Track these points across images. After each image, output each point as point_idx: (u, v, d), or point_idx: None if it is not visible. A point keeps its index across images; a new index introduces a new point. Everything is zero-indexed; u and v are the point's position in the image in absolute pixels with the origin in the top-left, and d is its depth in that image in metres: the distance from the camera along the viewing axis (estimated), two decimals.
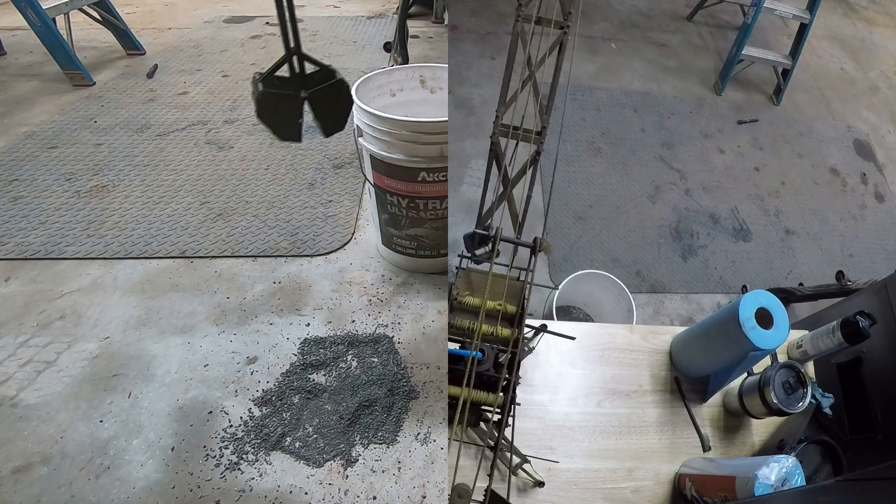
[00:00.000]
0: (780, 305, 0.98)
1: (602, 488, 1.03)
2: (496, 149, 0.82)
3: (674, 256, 2.46)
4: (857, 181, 3.02)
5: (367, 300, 1.63)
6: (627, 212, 2.58)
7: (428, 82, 1.68)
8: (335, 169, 2.24)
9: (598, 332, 1.24)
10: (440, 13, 3.88)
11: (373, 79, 1.57)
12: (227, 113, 2.64)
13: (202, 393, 1.35)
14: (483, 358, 0.74)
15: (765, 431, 1.15)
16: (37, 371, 1.38)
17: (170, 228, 1.87)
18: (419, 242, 1.62)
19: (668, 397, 1.16)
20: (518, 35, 0.78)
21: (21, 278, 1.64)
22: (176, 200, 2.01)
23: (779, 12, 3.11)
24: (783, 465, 0.86)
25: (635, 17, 3.63)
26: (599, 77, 3.14)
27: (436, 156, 1.39)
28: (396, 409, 1.33)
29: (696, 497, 0.95)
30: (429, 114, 1.67)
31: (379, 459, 1.23)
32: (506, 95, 0.81)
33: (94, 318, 1.53)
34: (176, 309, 1.57)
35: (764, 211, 2.74)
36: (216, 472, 1.18)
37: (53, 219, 1.88)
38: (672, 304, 2.31)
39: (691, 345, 1.17)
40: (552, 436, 1.07)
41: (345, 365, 1.43)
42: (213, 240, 1.82)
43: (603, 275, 1.98)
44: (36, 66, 3.07)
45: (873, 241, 2.78)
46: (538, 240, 0.74)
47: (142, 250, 1.77)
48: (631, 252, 2.44)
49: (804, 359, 1.19)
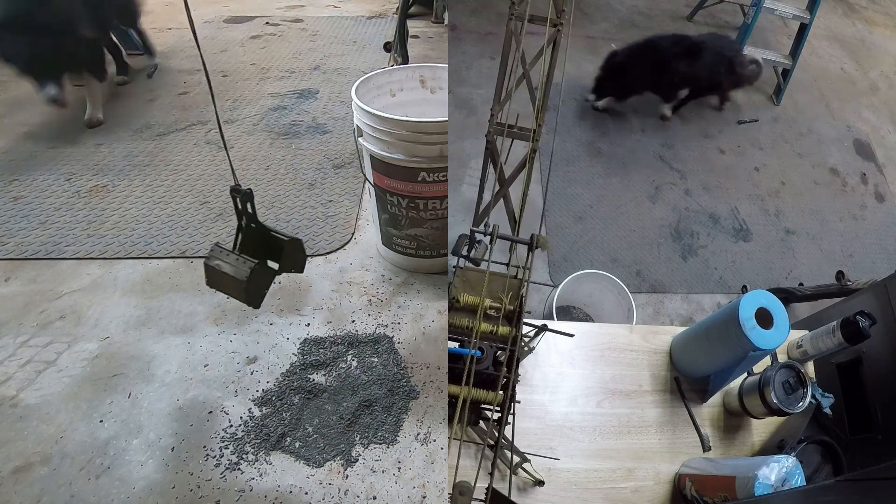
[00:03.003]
0: (780, 305, 0.98)
1: (602, 488, 1.03)
2: (492, 147, 0.82)
3: (674, 256, 2.46)
4: (857, 181, 3.02)
5: (367, 300, 1.63)
6: (627, 212, 2.58)
7: (428, 82, 1.68)
8: (335, 169, 2.24)
9: (598, 332, 1.23)
10: (440, 13, 3.88)
11: (373, 79, 1.57)
12: (227, 113, 2.64)
13: (202, 393, 1.35)
14: (482, 356, 0.74)
15: (765, 431, 1.15)
16: (37, 371, 1.38)
17: (170, 228, 1.87)
18: (419, 242, 1.62)
19: (668, 397, 1.16)
20: (512, 33, 0.78)
21: (21, 278, 1.64)
22: (176, 200, 2.01)
23: (779, 12, 3.11)
24: (783, 465, 0.86)
25: (635, 17, 3.63)
26: None
27: (436, 156, 1.39)
28: (396, 409, 1.33)
29: (696, 497, 0.95)
30: (429, 114, 1.68)
31: (379, 459, 1.23)
32: (500, 94, 0.81)
33: (94, 318, 1.53)
34: (176, 309, 1.57)
35: (764, 211, 2.74)
36: (216, 472, 1.18)
37: (53, 219, 1.88)
38: (672, 304, 2.31)
39: (691, 345, 1.17)
40: (552, 436, 1.07)
41: (345, 365, 1.43)
42: (213, 240, 1.82)
43: (603, 275, 1.98)
44: None
45: (873, 241, 2.78)
46: (535, 236, 0.74)
47: (142, 250, 1.77)
48: (631, 252, 2.44)
49: (804, 359, 1.19)
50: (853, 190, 2.98)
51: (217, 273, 1.05)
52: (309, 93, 2.86)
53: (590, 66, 3.17)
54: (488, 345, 0.76)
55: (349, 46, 3.53)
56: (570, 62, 3.14)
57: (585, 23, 3.47)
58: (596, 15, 3.56)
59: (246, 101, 2.76)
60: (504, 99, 0.82)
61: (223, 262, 1.05)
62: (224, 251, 1.07)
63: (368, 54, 3.41)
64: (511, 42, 0.79)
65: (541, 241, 0.74)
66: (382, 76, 1.61)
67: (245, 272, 1.04)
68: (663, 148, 2.88)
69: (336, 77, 3.06)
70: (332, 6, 4.41)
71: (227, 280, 1.05)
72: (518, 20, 0.78)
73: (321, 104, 2.75)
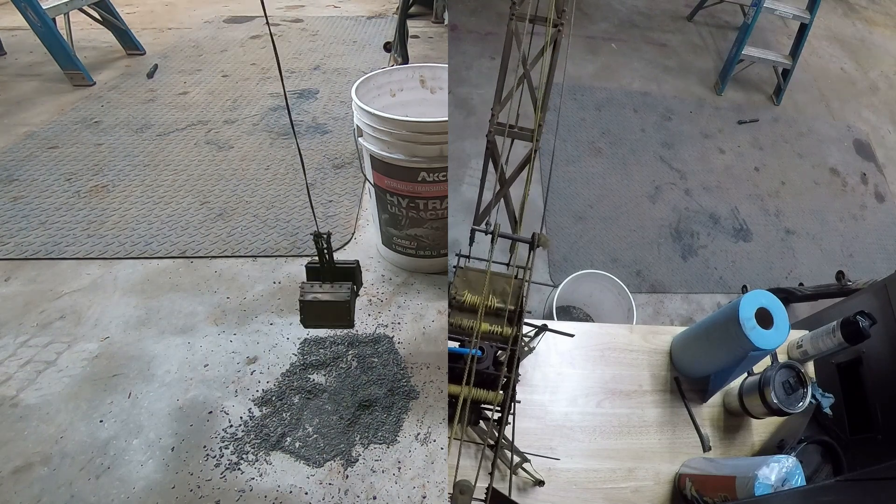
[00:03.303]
0: (780, 305, 0.98)
1: (602, 488, 1.03)
2: (492, 147, 0.82)
3: (674, 256, 2.46)
4: (857, 181, 3.02)
5: (367, 300, 1.63)
6: (627, 212, 2.58)
7: (428, 82, 1.68)
8: (335, 169, 2.24)
9: (598, 332, 1.23)
10: (440, 13, 3.88)
11: (373, 79, 1.57)
12: (227, 113, 2.64)
13: (202, 393, 1.35)
14: (482, 356, 0.74)
15: (765, 431, 1.15)
16: (37, 371, 1.38)
17: (170, 228, 1.87)
18: (419, 242, 1.62)
19: (668, 397, 1.16)
20: (512, 33, 0.78)
21: (21, 278, 1.64)
22: (176, 200, 2.01)
23: (779, 12, 3.11)
24: (783, 465, 0.86)
25: (635, 17, 3.63)
26: (599, 77, 3.14)
27: (436, 156, 1.39)
28: (396, 409, 1.33)
29: (696, 497, 0.95)
30: (429, 114, 1.68)
31: (379, 459, 1.23)
32: (501, 94, 0.81)
33: (94, 318, 1.53)
34: (176, 309, 1.57)
35: (764, 211, 2.74)
36: (216, 472, 1.18)
37: (53, 219, 1.88)
38: (672, 304, 2.31)
39: (691, 345, 1.17)
40: (552, 436, 1.07)
41: (345, 365, 1.43)
42: (213, 240, 1.83)
43: (603, 275, 1.98)
44: (36, 66, 3.07)
45: (873, 241, 2.78)
46: (536, 235, 0.74)
47: (142, 250, 1.77)
48: (631, 252, 2.44)
49: (804, 359, 1.19)
50: (853, 190, 2.98)
51: (316, 306, 1.16)
52: (309, 93, 2.86)
53: (590, 67, 3.17)
54: (488, 345, 0.76)
55: (349, 46, 3.53)
56: (571, 62, 3.14)
57: (585, 23, 3.47)
58: (596, 15, 3.56)
59: (246, 101, 2.77)
60: (504, 99, 0.82)
61: (319, 294, 1.16)
62: (313, 285, 1.18)
63: (368, 54, 3.41)
64: (511, 42, 0.79)
65: (542, 239, 0.74)
66: (382, 76, 1.61)
67: (345, 294, 1.16)
68: (663, 148, 2.88)
69: (336, 77, 3.06)
70: (332, 6, 4.41)
71: (328, 308, 1.16)
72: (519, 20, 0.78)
73: (321, 104, 2.75)
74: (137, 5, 4.30)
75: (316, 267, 1.18)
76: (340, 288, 1.17)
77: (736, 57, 3.10)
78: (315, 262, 1.18)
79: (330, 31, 3.78)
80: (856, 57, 3.89)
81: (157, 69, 3.07)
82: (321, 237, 1.11)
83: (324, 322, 1.19)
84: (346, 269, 1.20)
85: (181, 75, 3.03)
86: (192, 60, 3.23)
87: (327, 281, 1.19)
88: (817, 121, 3.28)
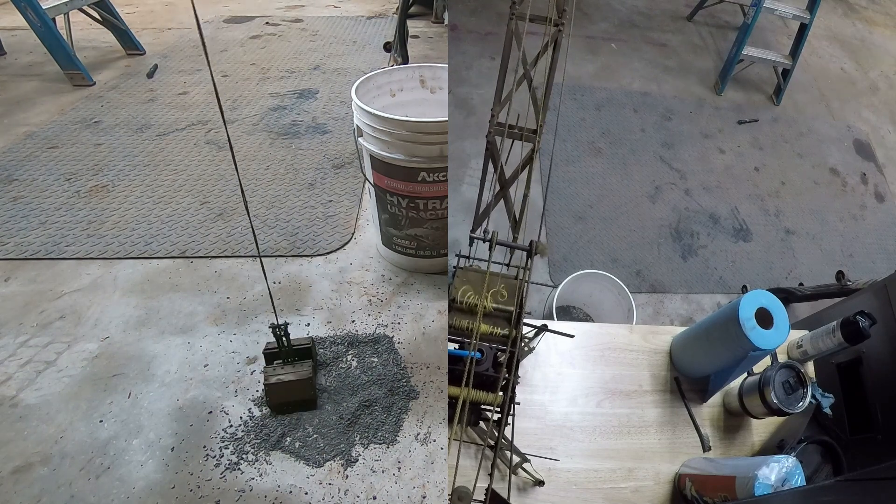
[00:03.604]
0: (780, 305, 0.98)
1: (602, 488, 1.03)
2: (492, 148, 0.82)
3: (674, 256, 2.46)
4: (857, 181, 3.02)
5: (367, 300, 1.63)
6: (627, 212, 2.58)
7: (428, 82, 1.68)
8: (335, 169, 2.24)
9: (597, 332, 1.23)
10: (440, 13, 3.89)
11: (373, 79, 1.57)
12: (227, 113, 2.64)
13: (202, 393, 1.35)
14: (482, 358, 0.74)
15: (765, 431, 1.15)
16: (37, 371, 1.38)
17: (170, 228, 1.87)
18: (419, 242, 1.62)
19: (668, 397, 1.16)
20: (512, 33, 0.78)
21: (21, 278, 1.64)
22: (176, 200, 2.01)
23: (779, 12, 3.11)
24: (783, 465, 0.86)
25: (635, 17, 3.62)
26: (599, 77, 3.13)
27: (436, 156, 1.39)
28: (396, 409, 1.33)
29: (696, 497, 0.95)
30: (429, 114, 1.68)
31: (379, 459, 1.23)
32: (501, 94, 0.81)
33: (94, 318, 1.53)
34: (176, 309, 1.57)
35: (764, 211, 2.74)
36: (216, 472, 1.18)
37: (53, 219, 1.88)
38: (672, 304, 2.31)
39: (691, 345, 1.17)
40: (552, 436, 1.07)
41: (345, 365, 1.43)
42: (213, 240, 1.83)
43: (603, 275, 1.97)
44: (36, 66, 3.07)
45: (873, 241, 2.78)
46: (534, 243, 0.74)
47: (142, 250, 1.77)
48: (631, 252, 2.44)
49: (804, 359, 1.19)
50: (853, 190, 2.98)
51: (281, 387, 1.25)
52: (309, 93, 2.86)
53: (590, 67, 3.17)
54: (488, 346, 0.76)
55: (349, 46, 3.53)
56: (571, 62, 3.14)
57: (585, 23, 3.47)
58: (596, 15, 3.56)
59: (246, 101, 2.77)
60: (504, 99, 0.81)
61: (283, 375, 1.25)
62: (275, 366, 1.28)
63: (368, 54, 3.41)
64: (511, 42, 0.79)
65: (540, 247, 0.73)
66: (382, 76, 1.61)
67: (307, 371, 1.26)
68: (663, 148, 2.88)
69: (336, 77, 3.06)
70: (332, 6, 4.41)
71: (293, 386, 1.25)
72: (519, 20, 0.78)
73: (321, 104, 2.75)
74: (137, 5, 4.30)
75: (274, 351, 1.28)
76: (301, 366, 1.27)
77: (736, 57, 3.09)
78: (273, 347, 1.28)
79: (330, 31, 3.78)
80: (856, 57, 3.89)
81: (157, 69, 3.07)
82: (279, 327, 1.22)
83: (291, 400, 1.28)
84: (302, 349, 1.31)
85: (181, 75, 3.03)
86: (192, 60, 3.23)
87: (288, 363, 1.29)
88: (817, 121, 3.28)
